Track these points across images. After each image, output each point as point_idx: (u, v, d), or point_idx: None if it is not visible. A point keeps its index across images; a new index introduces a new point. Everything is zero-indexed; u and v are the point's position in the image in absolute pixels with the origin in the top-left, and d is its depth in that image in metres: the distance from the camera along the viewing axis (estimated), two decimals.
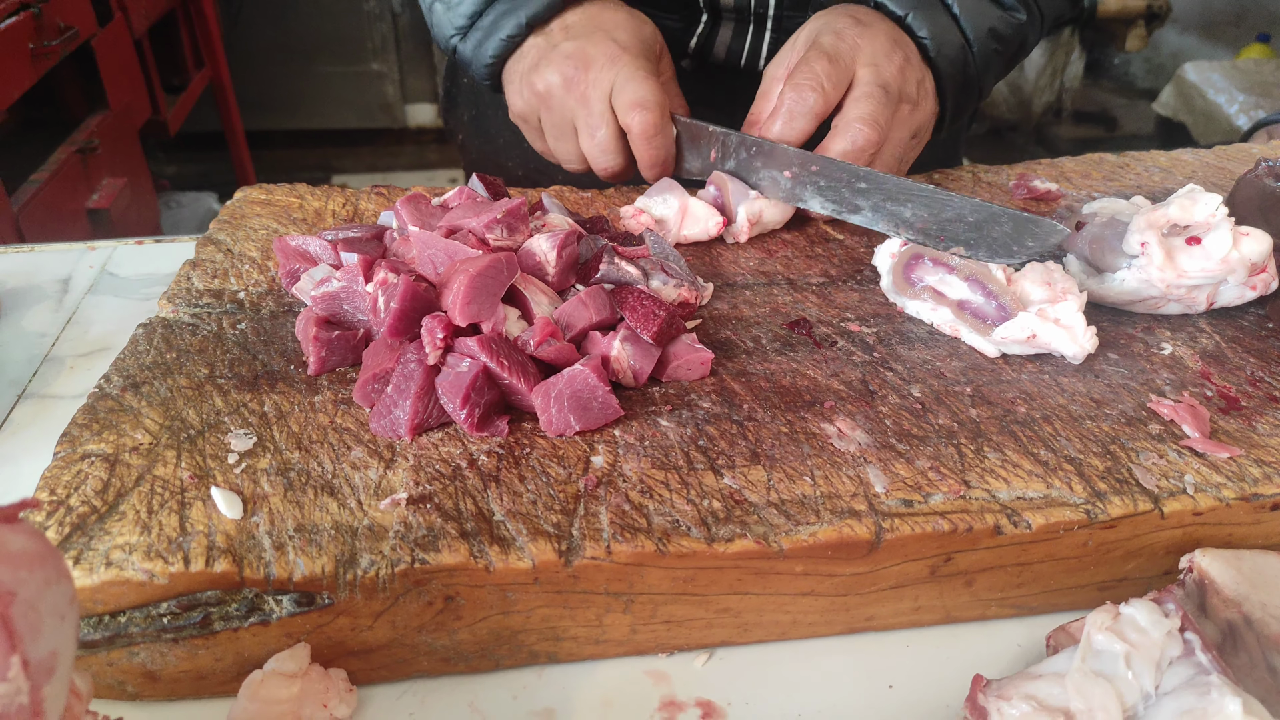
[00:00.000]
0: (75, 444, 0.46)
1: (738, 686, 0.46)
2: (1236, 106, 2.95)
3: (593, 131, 0.68)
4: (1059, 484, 0.46)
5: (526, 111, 0.73)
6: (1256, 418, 0.52)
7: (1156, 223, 0.59)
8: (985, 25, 0.73)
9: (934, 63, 0.71)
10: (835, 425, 0.50)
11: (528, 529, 0.42)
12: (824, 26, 0.69)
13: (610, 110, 0.67)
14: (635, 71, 0.66)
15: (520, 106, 0.73)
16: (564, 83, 0.68)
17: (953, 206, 0.59)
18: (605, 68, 0.67)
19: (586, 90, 0.67)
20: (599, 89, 0.67)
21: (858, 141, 0.64)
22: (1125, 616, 0.40)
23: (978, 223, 0.58)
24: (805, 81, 0.65)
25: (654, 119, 0.66)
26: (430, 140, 3.80)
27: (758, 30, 0.85)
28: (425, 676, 0.46)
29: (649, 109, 0.65)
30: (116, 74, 2.00)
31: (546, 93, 0.69)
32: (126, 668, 0.42)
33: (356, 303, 0.53)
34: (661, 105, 0.66)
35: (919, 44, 0.71)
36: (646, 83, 0.66)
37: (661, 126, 0.67)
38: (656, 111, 0.66)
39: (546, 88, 0.69)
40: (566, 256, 0.55)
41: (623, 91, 0.66)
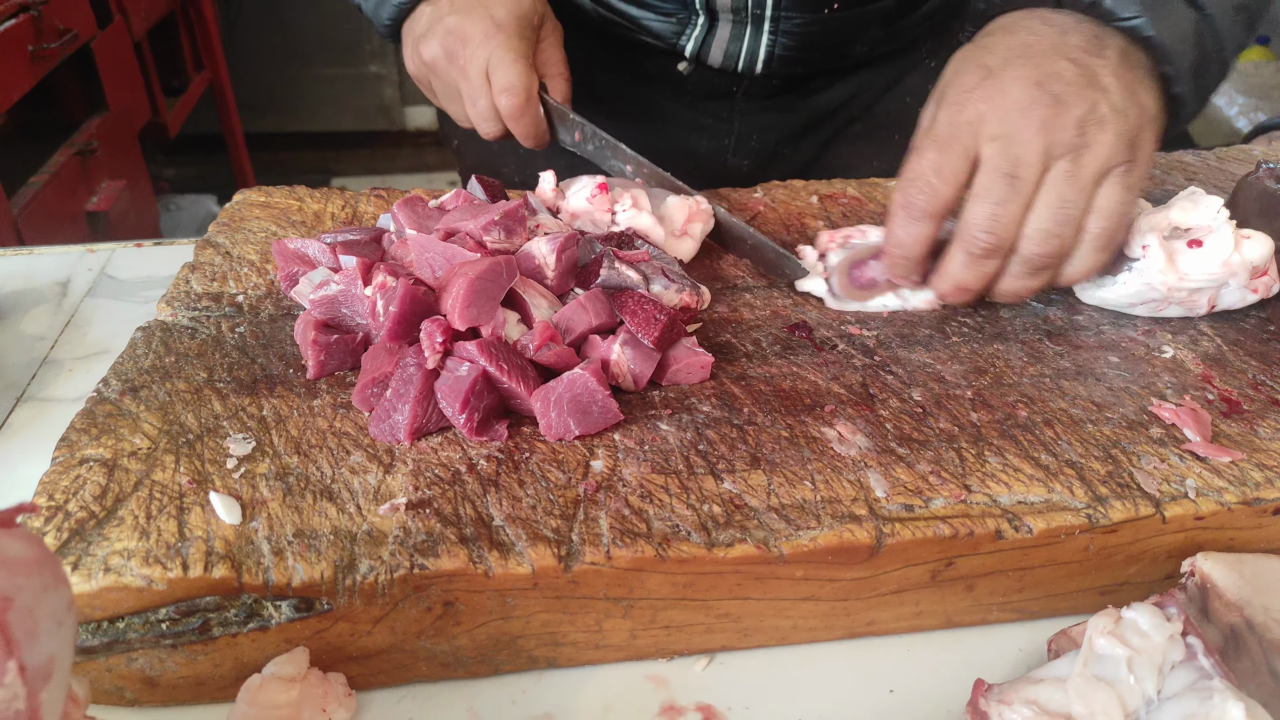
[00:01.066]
0: (73, 449, 0.46)
1: (738, 691, 0.45)
2: (1236, 109, 2.95)
3: (473, 101, 0.72)
4: (1060, 488, 0.46)
5: (419, 75, 0.77)
6: (1258, 421, 0.52)
7: (1157, 225, 0.58)
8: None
9: (1151, 44, 0.56)
10: (835, 429, 0.50)
11: (527, 534, 0.42)
12: (949, 86, 0.58)
13: (487, 83, 0.71)
14: (505, 53, 0.69)
15: (413, 69, 0.77)
16: (446, 55, 0.72)
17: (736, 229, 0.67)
18: (480, 45, 0.70)
19: (465, 65, 0.71)
20: (475, 64, 0.71)
21: (975, 252, 0.55)
22: (1127, 621, 0.40)
23: (754, 245, 0.66)
24: (911, 184, 0.56)
25: (518, 103, 0.69)
26: (429, 143, 3.79)
27: (755, 32, 0.84)
28: (424, 681, 0.45)
29: (513, 94, 0.69)
30: (116, 76, 2.00)
31: (433, 62, 0.73)
32: (125, 673, 0.42)
33: (355, 306, 0.53)
34: (525, 88, 0.69)
35: (1127, 28, 0.56)
36: (514, 66, 0.69)
37: (525, 109, 0.70)
38: (521, 96, 0.69)
39: (432, 58, 0.73)
40: (566, 259, 0.55)
41: (494, 73, 0.70)
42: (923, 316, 0.61)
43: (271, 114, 3.58)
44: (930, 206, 0.56)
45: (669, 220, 0.65)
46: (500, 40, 0.70)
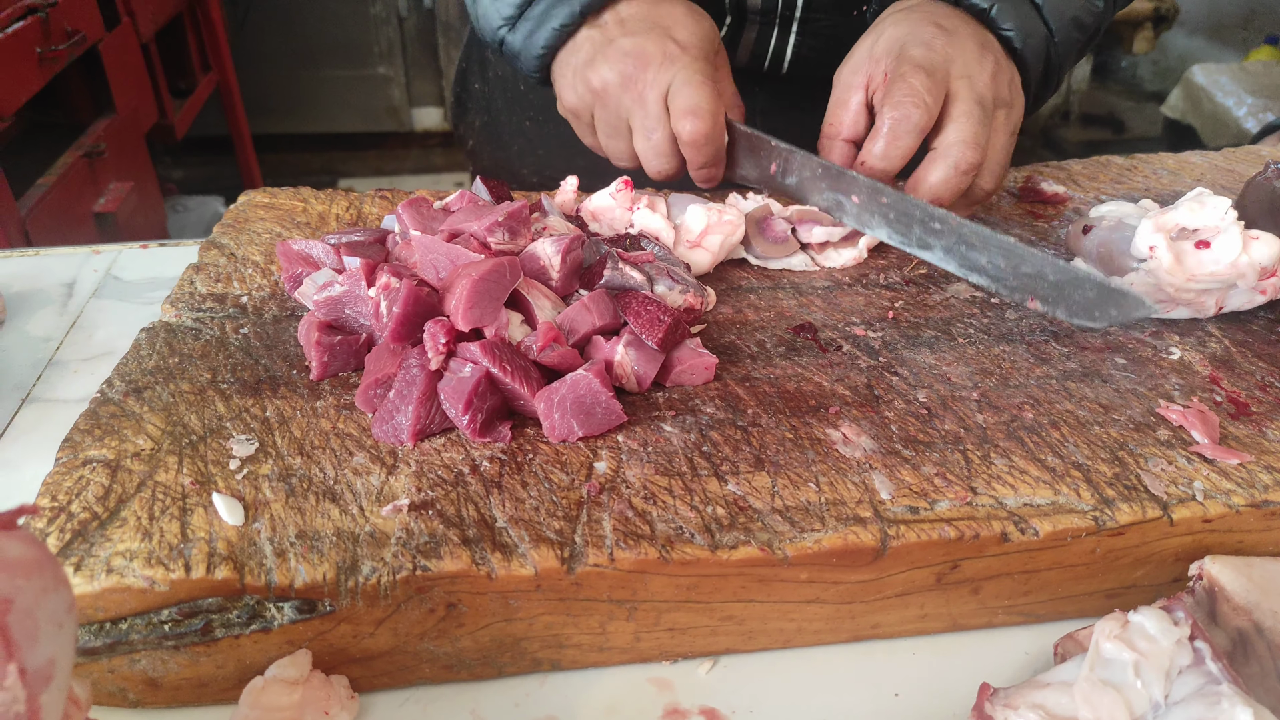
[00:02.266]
0: (77, 450, 0.46)
1: (742, 694, 0.45)
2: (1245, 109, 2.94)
3: (648, 134, 0.67)
4: (1067, 490, 0.46)
5: (579, 107, 0.71)
6: (1266, 423, 0.51)
7: (1165, 226, 0.58)
8: (1068, 14, 0.70)
9: (1019, 55, 0.68)
10: (840, 431, 0.50)
11: (530, 536, 0.42)
12: (909, 35, 0.65)
13: (666, 112, 0.66)
14: (692, 75, 0.64)
15: (573, 101, 0.71)
16: (621, 81, 0.66)
17: (1032, 262, 0.56)
18: (663, 68, 0.65)
19: (643, 90, 0.66)
20: (655, 90, 0.65)
21: (960, 165, 0.62)
22: (1134, 624, 0.40)
23: (1059, 283, 0.56)
24: (906, 98, 0.62)
25: (705, 128, 0.64)
26: (436, 144, 3.80)
27: (783, 33, 0.84)
28: (427, 684, 0.45)
29: (700, 117, 0.63)
30: (123, 78, 2.00)
31: (603, 89, 0.68)
32: (127, 675, 0.42)
33: (359, 307, 0.53)
34: (714, 113, 0.64)
35: (1002, 38, 0.68)
36: (702, 89, 0.64)
37: (711, 135, 0.65)
38: (709, 120, 0.64)
39: (603, 84, 0.67)
40: (571, 261, 0.55)
41: (677, 96, 0.64)
42: (928, 317, 0.61)
43: (279, 115, 3.59)
44: (924, 123, 0.62)
45: (685, 229, 0.64)
46: (685, 62, 0.65)
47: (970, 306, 0.62)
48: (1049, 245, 0.70)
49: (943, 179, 0.62)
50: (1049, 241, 0.71)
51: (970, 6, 0.68)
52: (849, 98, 0.68)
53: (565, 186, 0.68)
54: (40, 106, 1.78)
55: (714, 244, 0.64)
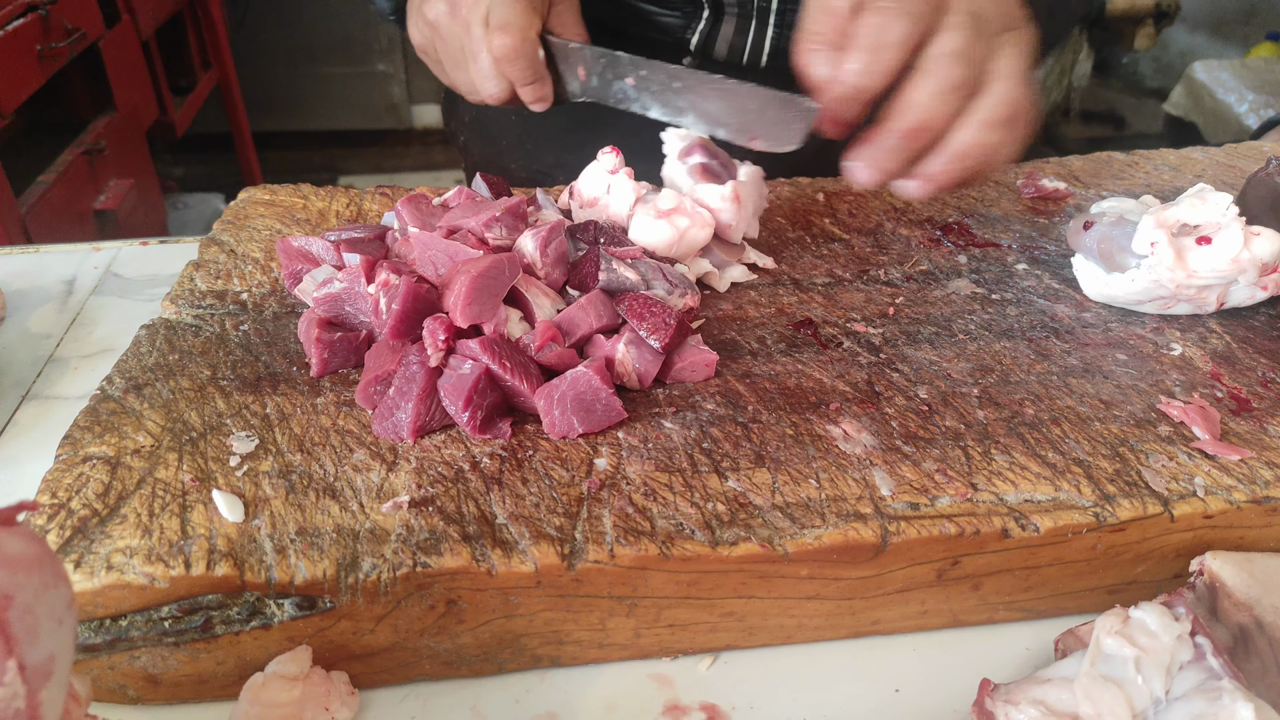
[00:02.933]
0: (77, 446, 0.46)
1: (742, 691, 0.45)
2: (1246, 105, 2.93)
3: (475, 56, 0.65)
4: (1067, 486, 0.46)
5: (424, 44, 0.71)
6: (1268, 419, 0.51)
7: (1166, 222, 0.58)
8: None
9: None
10: (841, 427, 0.49)
11: (530, 532, 0.42)
12: None
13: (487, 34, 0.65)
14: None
15: (418, 39, 0.71)
16: (449, 9, 0.67)
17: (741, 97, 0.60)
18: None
19: (467, 15, 0.65)
20: (477, 13, 0.64)
21: (949, 79, 0.54)
22: (1135, 620, 0.40)
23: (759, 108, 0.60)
24: (891, 4, 0.54)
25: (513, 41, 0.62)
26: (436, 141, 3.80)
27: (760, 26, 0.84)
28: (427, 680, 0.45)
29: (508, 31, 0.62)
30: (124, 75, 2.00)
31: (435, 21, 0.68)
32: (128, 671, 0.42)
33: (359, 304, 0.53)
34: (522, 27, 0.62)
35: None
36: (514, 5, 0.62)
37: (520, 49, 0.62)
38: (516, 35, 0.62)
39: (435, 16, 0.68)
40: (553, 252, 0.55)
41: (491, 14, 0.63)
42: (929, 314, 0.60)
43: (279, 113, 3.59)
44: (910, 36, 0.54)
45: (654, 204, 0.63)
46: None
47: (971, 303, 0.62)
48: (1049, 240, 0.70)
49: (928, 93, 0.54)
50: (1049, 237, 0.71)
51: None
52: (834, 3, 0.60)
53: (582, 179, 0.68)
54: (40, 104, 1.78)
55: (678, 226, 0.62)
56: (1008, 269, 0.66)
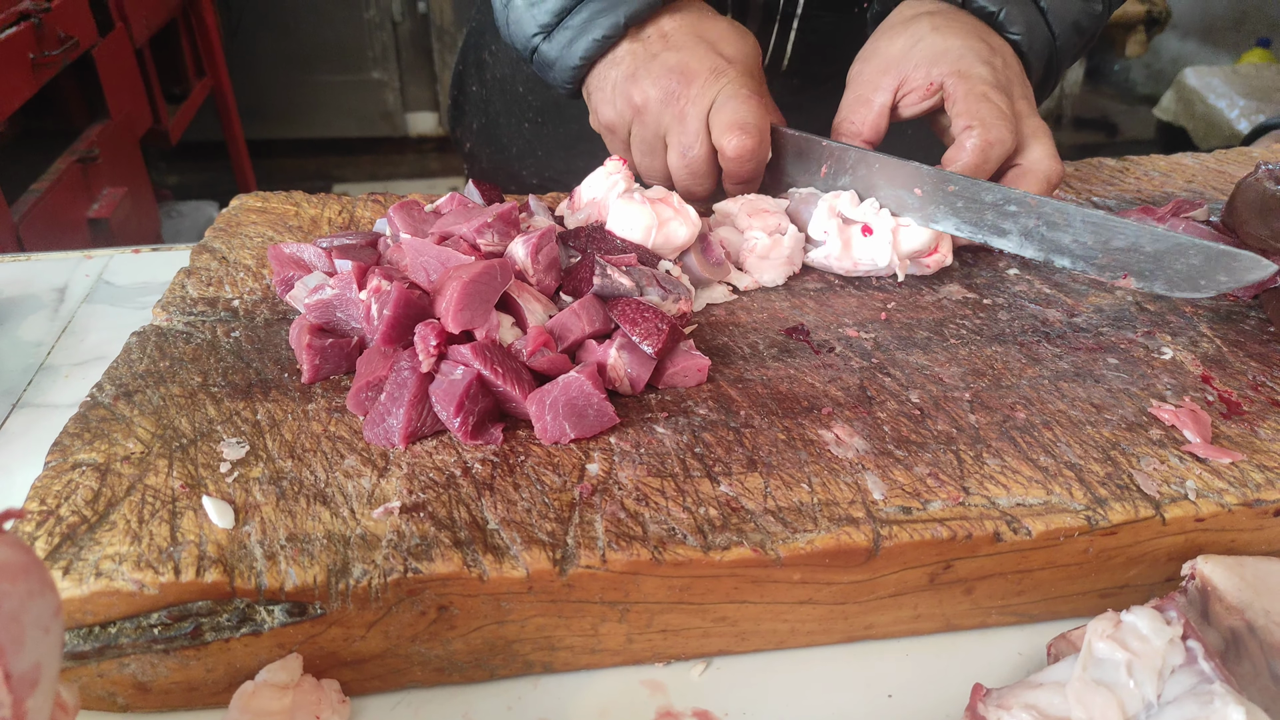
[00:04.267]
0: (66, 453, 0.46)
1: (735, 696, 0.45)
2: (1237, 111, 2.95)
3: (685, 150, 0.65)
4: (1059, 490, 0.46)
5: (617, 122, 0.69)
6: (1258, 422, 0.51)
7: (834, 211, 0.64)
8: (1070, 18, 0.70)
9: (1025, 58, 0.69)
10: (833, 432, 0.49)
11: (522, 538, 0.42)
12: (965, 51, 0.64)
13: (706, 130, 0.64)
14: (739, 90, 0.63)
15: (610, 116, 0.69)
16: (663, 97, 0.65)
17: (1127, 234, 0.55)
18: (708, 84, 0.63)
19: (685, 107, 0.64)
20: (698, 106, 0.64)
21: (1052, 179, 0.63)
22: (1127, 624, 0.40)
23: (1157, 254, 0.53)
24: (1000, 121, 0.61)
25: (752, 144, 0.62)
26: (431, 149, 3.80)
27: (783, 30, 0.84)
28: (419, 687, 0.45)
29: (748, 132, 0.62)
30: (117, 83, 2.00)
31: (644, 105, 0.66)
32: (117, 679, 0.41)
33: (350, 310, 0.53)
34: (762, 128, 0.63)
35: (1010, 40, 0.69)
36: (749, 102, 0.62)
37: (757, 152, 0.63)
38: (755, 135, 0.62)
39: (644, 100, 0.65)
40: (544, 258, 0.55)
41: (722, 110, 0.63)
42: (921, 318, 0.61)
43: (273, 121, 3.59)
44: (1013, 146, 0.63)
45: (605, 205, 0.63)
46: (732, 76, 0.63)
47: (963, 308, 0.62)
48: None
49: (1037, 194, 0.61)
50: None
51: (979, 9, 0.68)
52: (873, 97, 0.66)
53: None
54: (34, 112, 1.78)
55: (659, 215, 0.61)
56: (999, 274, 0.67)
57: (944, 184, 0.60)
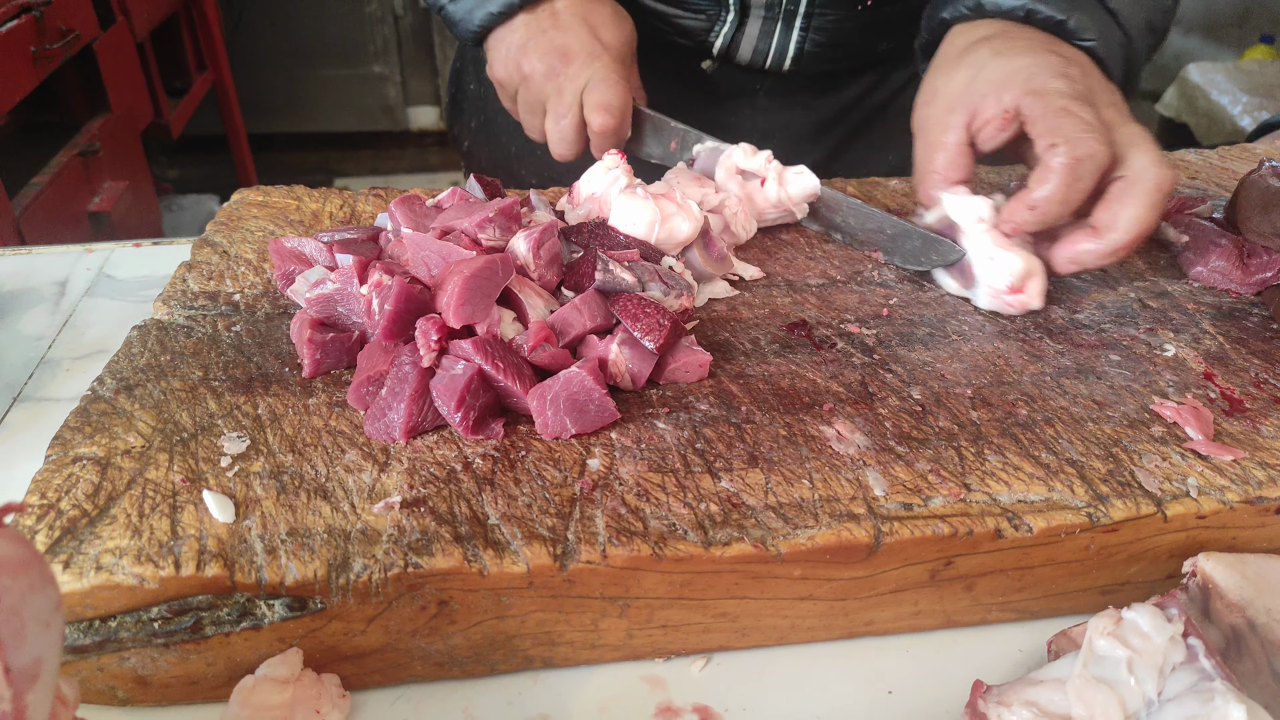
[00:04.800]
0: (67, 447, 0.46)
1: (735, 692, 0.45)
2: (1240, 108, 2.94)
3: (559, 118, 0.72)
4: (1060, 487, 0.46)
5: (506, 80, 0.77)
6: (1261, 420, 0.51)
7: (732, 169, 0.70)
8: (1141, 17, 0.67)
9: (1102, 64, 0.65)
10: (834, 428, 0.49)
11: (523, 533, 0.42)
12: (1035, 67, 0.60)
13: (579, 104, 0.71)
14: (608, 74, 0.70)
15: (501, 75, 0.77)
16: (546, 71, 0.73)
17: (874, 220, 0.68)
18: (584, 64, 0.71)
19: (562, 83, 0.72)
20: (574, 83, 0.71)
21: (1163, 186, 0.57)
22: (1128, 621, 0.40)
23: (894, 235, 0.67)
24: (1087, 134, 0.56)
25: (614, 123, 0.70)
26: (432, 143, 3.80)
27: (786, 28, 0.84)
28: (419, 681, 0.45)
29: (611, 113, 0.70)
30: (118, 77, 2.00)
31: (529, 75, 0.74)
32: (117, 673, 0.41)
33: (351, 305, 0.53)
34: (623, 110, 0.70)
35: (1084, 48, 0.65)
36: (616, 87, 0.70)
37: (618, 130, 0.71)
38: (617, 117, 0.70)
39: (530, 71, 0.74)
40: (546, 253, 0.55)
41: (593, 92, 0.70)
42: (923, 315, 0.60)
43: (274, 115, 3.59)
44: (1107, 159, 0.57)
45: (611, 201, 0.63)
46: (605, 61, 0.72)
47: (965, 304, 0.62)
48: None
49: (1148, 206, 0.57)
50: None
51: (1044, 20, 0.65)
52: (945, 138, 0.63)
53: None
54: (35, 106, 1.77)
55: (663, 210, 0.61)
56: None
57: None
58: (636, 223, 0.60)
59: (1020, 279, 0.59)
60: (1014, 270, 0.59)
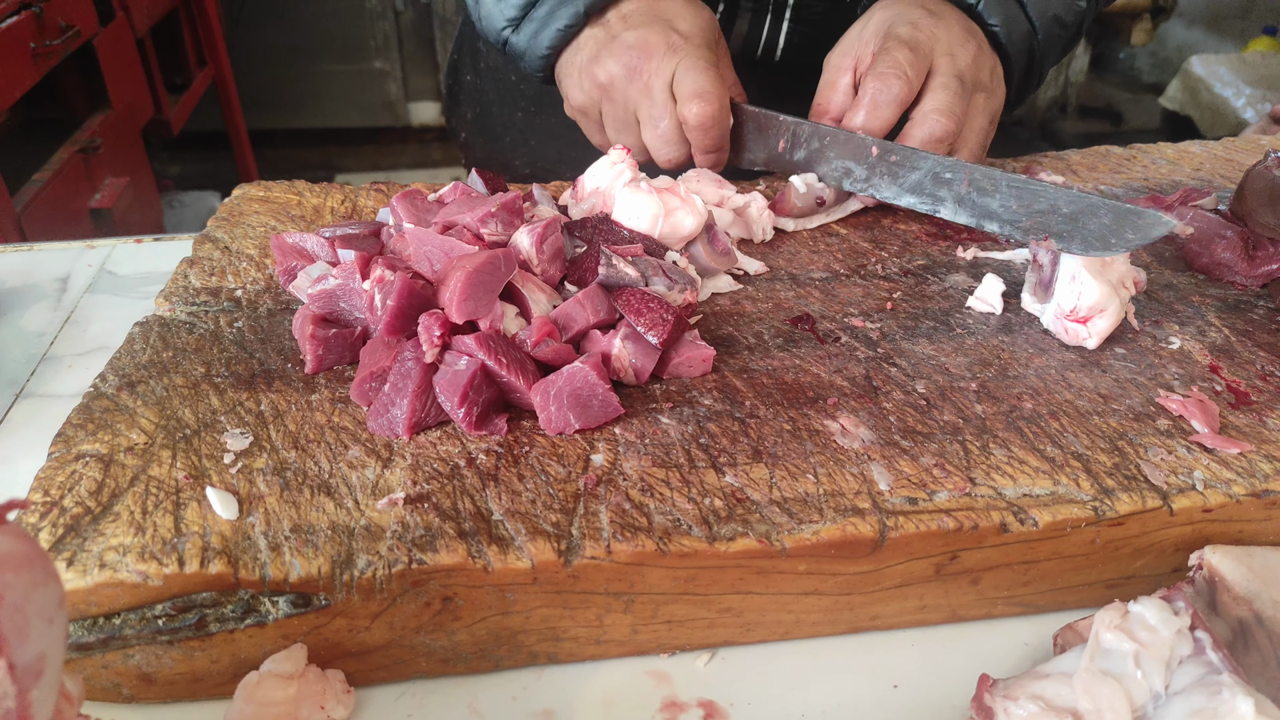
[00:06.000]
0: (70, 444, 0.46)
1: (740, 687, 0.45)
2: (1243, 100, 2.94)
3: (656, 122, 0.68)
4: (1066, 481, 0.46)
5: (587, 104, 0.72)
6: (1267, 412, 0.51)
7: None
8: (1050, 12, 0.73)
9: (1003, 49, 0.72)
10: (839, 422, 0.49)
11: (527, 528, 0.42)
12: (897, 17, 0.68)
13: (672, 100, 0.67)
14: (696, 61, 0.66)
15: (580, 99, 0.72)
16: (626, 73, 0.68)
17: (1045, 197, 0.58)
18: (667, 57, 0.67)
19: (649, 80, 0.67)
20: (661, 78, 0.67)
21: (935, 132, 0.64)
22: (1134, 615, 0.40)
23: (1073, 214, 0.56)
24: (889, 70, 0.65)
25: (711, 110, 0.65)
26: (433, 139, 3.79)
27: (775, 20, 0.84)
28: (424, 677, 0.45)
29: (707, 100, 0.65)
30: (119, 73, 2.00)
31: (609, 83, 0.69)
32: (122, 670, 0.41)
33: (353, 300, 0.53)
34: (720, 96, 0.66)
35: (988, 31, 0.71)
36: (706, 73, 0.65)
37: (718, 118, 0.66)
38: (715, 103, 0.65)
39: (609, 78, 0.69)
40: (549, 248, 0.55)
41: (682, 81, 0.66)
42: (927, 308, 0.60)
43: (275, 111, 3.59)
44: (904, 94, 0.65)
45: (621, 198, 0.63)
46: (689, 49, 0.67)
47: (969, 297, 0.62)
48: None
49: (918, 144, 0.64)
50: None
51: (958, 1, 0.71)
52: (838, 79, 0.71)
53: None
54: (35, 102, 1.77)
55: (666, 205, 0.61)
56: (1005, 263, 0.66)
57: (888, 154, 0.65)
58: (640, 217, 0.60)
59: (1090, 310, 0.55)
60: (1089, 298, 0.55)
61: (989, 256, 0.67)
